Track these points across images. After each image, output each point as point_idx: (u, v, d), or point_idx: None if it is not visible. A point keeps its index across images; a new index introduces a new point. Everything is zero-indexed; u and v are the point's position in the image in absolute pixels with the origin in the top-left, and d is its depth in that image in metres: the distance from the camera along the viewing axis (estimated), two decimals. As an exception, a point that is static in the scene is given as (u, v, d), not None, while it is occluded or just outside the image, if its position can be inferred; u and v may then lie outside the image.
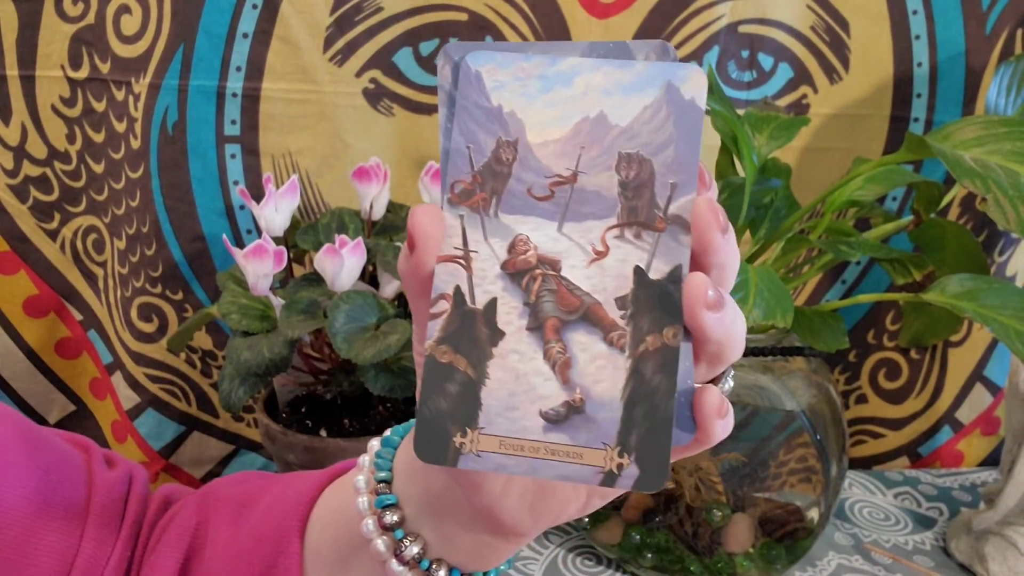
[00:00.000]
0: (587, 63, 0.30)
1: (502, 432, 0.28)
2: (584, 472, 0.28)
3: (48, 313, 0.87)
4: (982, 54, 0.80)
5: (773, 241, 0.68)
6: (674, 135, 0.29)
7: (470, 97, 0.30)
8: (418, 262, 0.29)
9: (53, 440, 0.46)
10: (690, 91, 0.29)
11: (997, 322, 0.59)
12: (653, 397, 0.27)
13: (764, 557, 0.69)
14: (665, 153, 0.29)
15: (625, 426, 0.27)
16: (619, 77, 0.29)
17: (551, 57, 0.30)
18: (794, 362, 0.68)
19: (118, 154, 0.80)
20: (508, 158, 0.30)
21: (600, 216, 0.29)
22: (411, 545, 0.35)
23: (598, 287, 0.28)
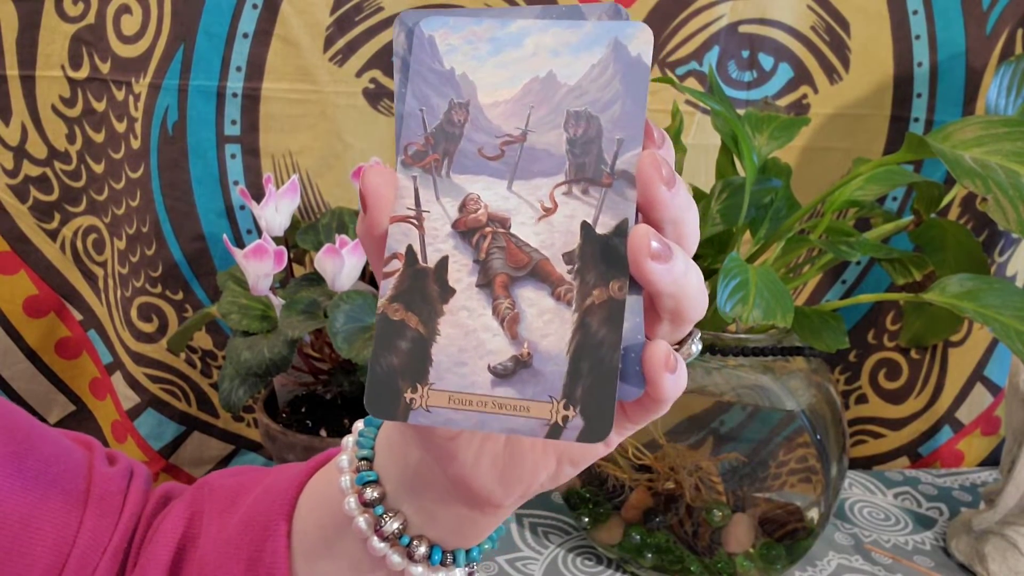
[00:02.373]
0: (537, 24, 0.30)
1: (452, 387, 0.28)
2: (530, 424, 0.28)
3: (48, 313, 0.87)
4: (982, 54, 0.80)
5: (773, 241, 0.68)
6: (621, 92, 0.29)
7: (423, 61, 0.30)
8: (371, 222, 0.29)
9: (55, 436, 0.46)
10: (636, 48, 0.29)
11: (997, 322, 0.59)
12: (599, 350, 0.28)
13: (764, 557, 0.69)
14: (612, 110, 0.29)
15: (571, 379, 0.28)
16: (568, 37, 0.30)
17: (502, 20, 0.30)
18: (794, 362, 0.68)
19: (118, 154, 0.80)
20: (460, 119, 0.30)
21: (549, 174, 0.29)
22: (391, 521, 0.35)
23: (546, 243, 0.29)
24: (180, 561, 0.43)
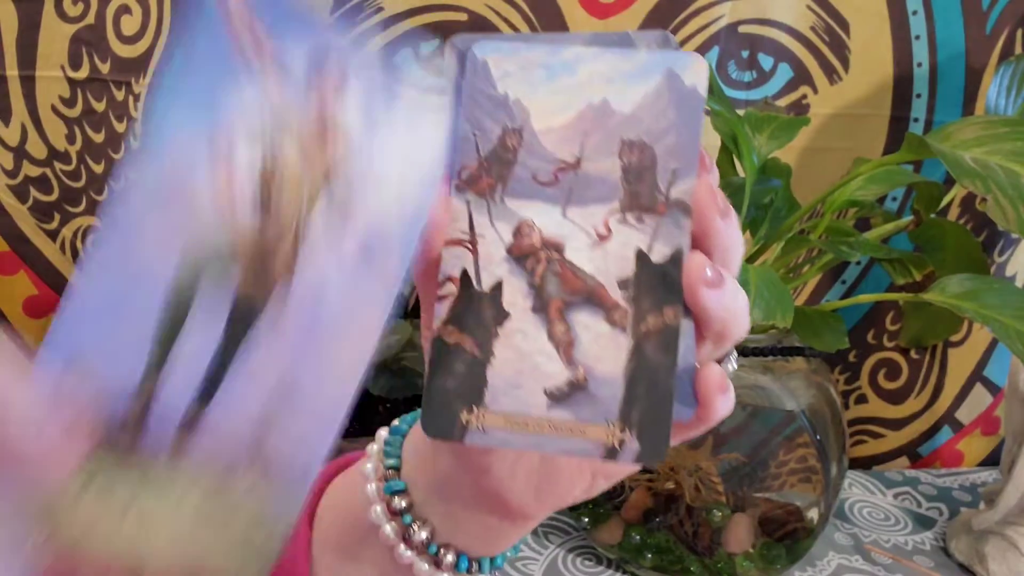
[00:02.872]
0: (590, 52, 0.30)
1: (507, 409, 0.29)
2: (587, 446, 0.29)
3: (48, 313, 0.87)
4: (982, 54, 0.80)
5: (773, 241, 0.68)
6: (675, 122, 0.29)
7: (476, 86, 0.30)
8: (425, 246, 0.29)
9: None
10: (691, 79, 0.29)
11: (997, 322, 0.59)
12: (654, 374, 0.28)
13: (764, 557, 0.69)
14: (666, 139, 0.29)
15: (627, 402, 0.28)
16: (621, 66, 0.30)
17: (555, 47, 0.30)
18: (794, 362, 0.68)
19: (118, 154, 0.80)
20: (513, 145, 0.30)
21: (603, 201, 0.30)
22: (420, 530, 0.35)
23: (601, 269, 0.29)
24: None
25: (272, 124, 0.23)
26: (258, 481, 0.23)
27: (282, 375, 0.23)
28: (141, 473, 0.22)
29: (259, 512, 0.23)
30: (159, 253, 0.22)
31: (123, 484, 0.22)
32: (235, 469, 0.22)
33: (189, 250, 0.22)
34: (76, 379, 0.21)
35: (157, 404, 0.22)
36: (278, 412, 0.24)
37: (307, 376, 0.24)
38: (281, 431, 0.23)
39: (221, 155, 0.22)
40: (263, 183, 0.23)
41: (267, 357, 0.23)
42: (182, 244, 0.22)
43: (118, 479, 0.22)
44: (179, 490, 0.22)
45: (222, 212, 0.22)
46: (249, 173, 0.22)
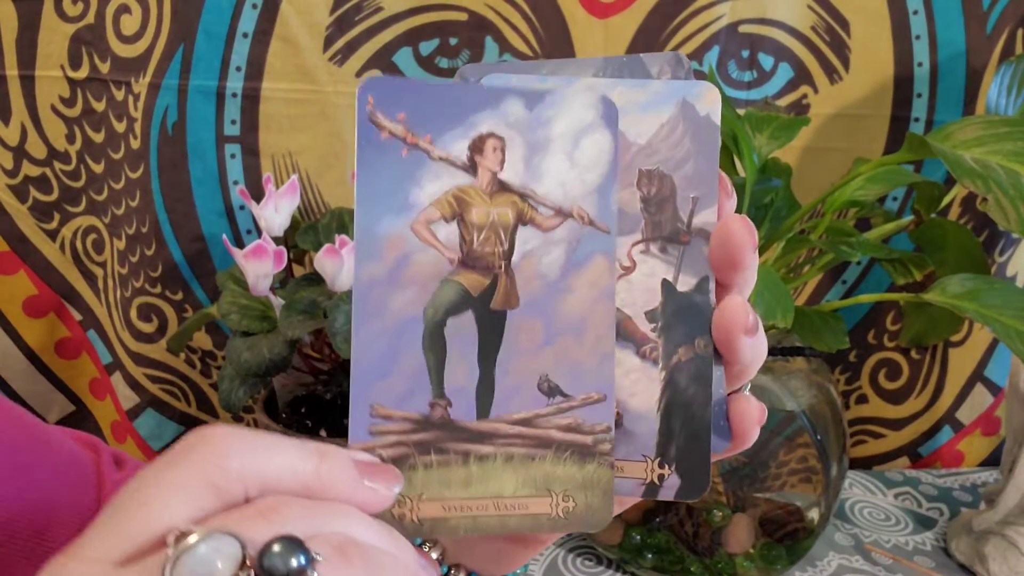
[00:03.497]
0: (602, 83, 0.30)
1: None
2: (626, 484, 0.29)
3: (48, 313, 0.87)
4: (983, 54, 0.80)
5: (774, 241, 0.68)
6: (692, 150, 0.30)
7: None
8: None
9: (62, 440, 0.45)
10: (705, 107, 0.30)
11: (998, 322, 0.59)
12: (689, 407, 0.29)
13: (764, 557, 0.69)
14: (684, 168, 0.30)
15: (663, 437, 0.29)
16: (635, 96, 0.30)
17: (567, 78, 0.30)
18: (794, 362, 0.68)
19: (118, 154, 0.80)
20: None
21: (625, 232, 0.30)
22: (429, 551, 0.35)
23: (627, 301, 0.29)
24: None
25: (456, 200, 0.28)
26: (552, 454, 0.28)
27: (533, 376, 0.28)
28: (464, 468, 0.28)
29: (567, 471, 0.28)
30: (409, 315, 0.27)
31: (453, 472, 0.28)
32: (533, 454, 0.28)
33: (429, 307, 0.28)
34: (381, 421, 0.27)
35: (450, 424, 0.28)
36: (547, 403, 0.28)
37: (560, 373, 0.28)
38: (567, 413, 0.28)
39: (427, 238, 0.28)
40: (465, 245, 0.28)
41: (518, 367, 0.28)
42: (423, 305, 0.28)
43: (448, 475, 0.28)
44: (498, 464, 0.28)
45: (442, 275, 0.28)
46: (451, 242, 0.28)
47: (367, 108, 0.28)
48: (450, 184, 0.28)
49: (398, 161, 0.28)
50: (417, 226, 0.28)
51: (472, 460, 0.28)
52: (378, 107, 0.28)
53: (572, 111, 0.29)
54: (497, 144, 0.28)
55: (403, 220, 0.28)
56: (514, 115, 0.28)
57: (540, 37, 0.78)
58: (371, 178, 0.27)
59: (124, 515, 0.24)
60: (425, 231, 0.28)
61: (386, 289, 0.27)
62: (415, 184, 0.28)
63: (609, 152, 0.29)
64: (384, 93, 0.28)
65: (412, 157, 0.28)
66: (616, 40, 0.78)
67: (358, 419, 0.27)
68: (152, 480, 0.24)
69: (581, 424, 0.28)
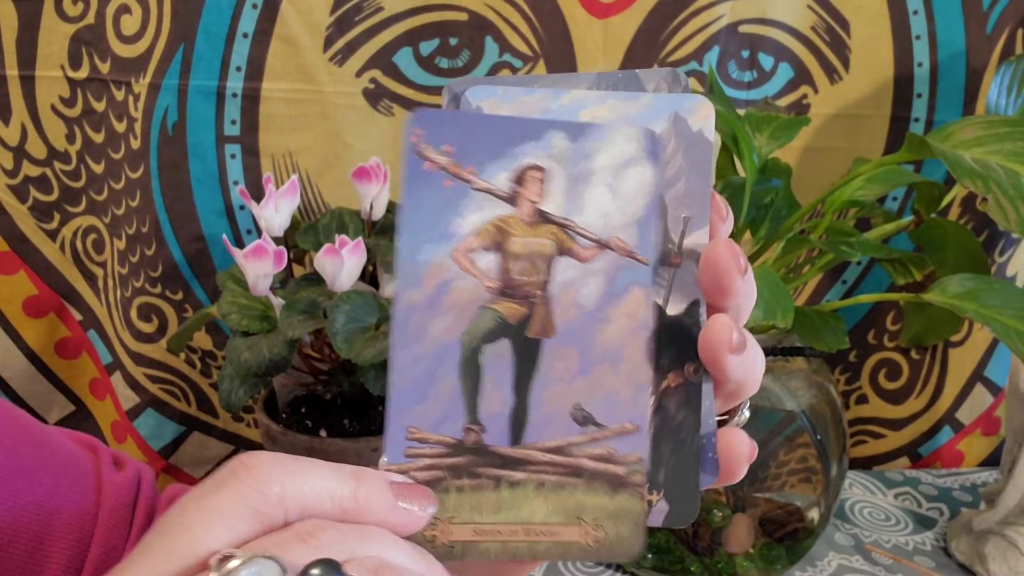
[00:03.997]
0: (592, 96, 0.30)
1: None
2: None
3: (48, 313, 0.87)
4: (982, 54, 0.80)
5: (773, 241, 0.68)
6: (684, 168, 0.29)
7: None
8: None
9: (62, 442, 0.45)
10: (698, 123, 0.29)
11: (998, 322, 0.59)
12: (678, 433, 0.29)
13: (764, 557, 0.69)
14: (676, 187, 0.29)
15: (652, 463, 0.29)
16: (625, 110, 0.29)
17: (555, 91, 0.30)
18: (794, 362, 0.68)
19: (118, 154, 0.80)
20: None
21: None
22: None
23: None
24: None
25: (496, 229, 0.28)
26: (581, 483, 0.28)
27: (566, 405, 0.28)
28: (496, 493, 0.28)
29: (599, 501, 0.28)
30: (447, 342, 0.28)
31: (485, 496, 0.28)
32: (564, 483, 0.28)
33: (466, 334, 0.28)
34: (417, 444, 0.28)
35: (483, 450, 0.28)
36: (580, 431, 0.28)
37: (594, 402, 0.28)
38: (591, 444, 0.28)
39: (467, 267, 0.28)
40: (503, 274, 0.28)
41: (552, 396, 0.28)
42: (460, 332, 0.28)
43: (480, 499, 0.28)
44: (529, 490, 0.28)
45: (481, 303, 0.28)
46: (490, 271, 0.28)
47: (413, 140, 0.28)
48: (491, 214, 0.28)
49: (441, 191, 0.28)
50: (457, 254, 0.28)
51: (504, 486, 0.28)
52: (425, 139, 0.28)
53: (615, 144, 0.29)
54: (538, 175, 0.28)
55: (444, 248, 0.28)
56: (557, 147, 0.29)
57: (540, 37, 0.78)
58: (415, 207, 0.28)
59: (168, 539, 0.24)
60: (465, 259, 0.28)
61: (425, 315, 0.28)
62: (457, 214, 0.28)
63: (651, 184, 0.28)
64: (431, 126, 0.28)
65: (455, 187, 0.28)
66: (616, 40, 0.78)
67: (394, 441, 0.28)
68: (195, 505, 0.25)
69: (614, 454, 0.28)
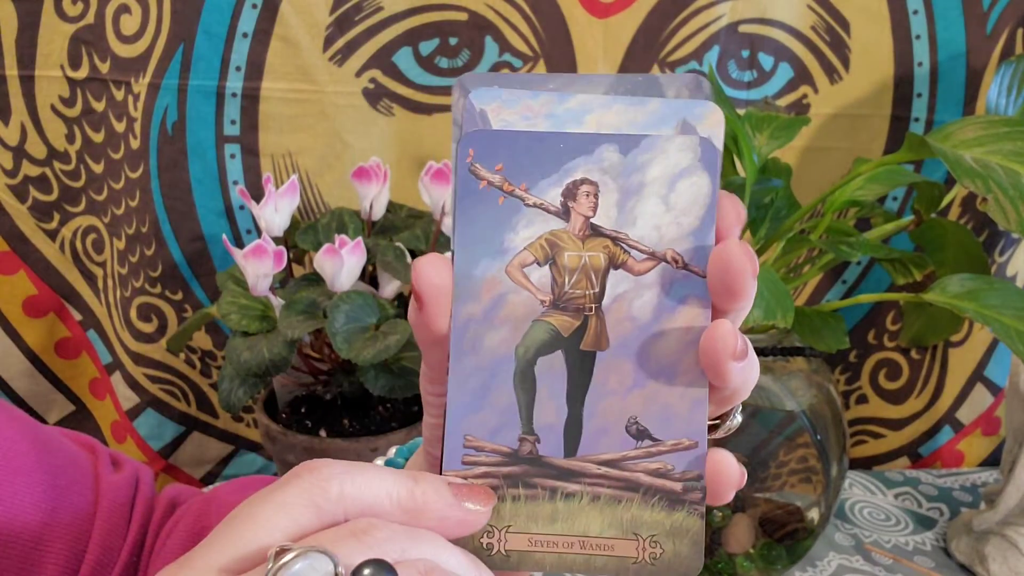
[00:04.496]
0: (598, 100, 0.29)
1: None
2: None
3: (47, 313, 0.87)
4: (983, 54, 0.80)
5: (774, 241, 0.68)
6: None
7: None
8: (428, 319, 0.29)
9: (60, 442, 0.45)
10: (707, 130, 0.29)
11: (998, 322, 0.59)
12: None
13: (764, 557, 0.69)
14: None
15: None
16: (632, 115, 0.29)
17: (560, 95, 0.29)
18: (794, 362, 0.68)
19: (117, 154, 0.80)
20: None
21: None
22: None
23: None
24: None
25: (549, 244, 0.29)
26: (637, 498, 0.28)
27: (621, 418, 0.28)
28: (551, 504, 0.28)
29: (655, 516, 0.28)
30: (502, 353, 0.29)
31: (540, 507, 0.28)
32: (619, 497, 0.28)
33: (521, 346, 0.29)
34: (474, 452, 0.29)
35: (538, 460, 0.29)
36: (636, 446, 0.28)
37: (649, 416, 0.28)
38: (644, 460, 0.29)
39: (521, 280, 0.29)
40: (556, 287, 0.29)
41: (606, 409, 0.28)
42: (515, 344, 0.29)
43: (535, 509, 0.28)
44: (584, 503, 0.28)
45: (534, 316, 0.29)
46: (543, 284, 0.29)
47: (467, 160, 0.29)
48: (543, 229, 0.29)
49: (495, 208, 0.29)
50: (511, 269, 0.29)
51: (559, 497, 0.28)
52: (477, 159, 0.29)
53: (668, 155, 0.29)
54: (590, 190, 0.29)
55: (499, 263, 0.29)
56: (608, 160, 0.29)
57: (540, 37, 0.78)
58: (469, 224, 0.29)
59: (233, 529, 0.26)
60: (519, 274, 0.29)
61: (481, 328, 0.29)
62: (510, 230, 0.29)
63: (707, 195, 0.28)
64: (484, 145, 0.29)
65: (508, 204, 0.29)
66: (616, 40, 0.78)
67: (452, 448, 0.28)
68: (260, 499, 0.26)
69: (670, 470, 0.28)
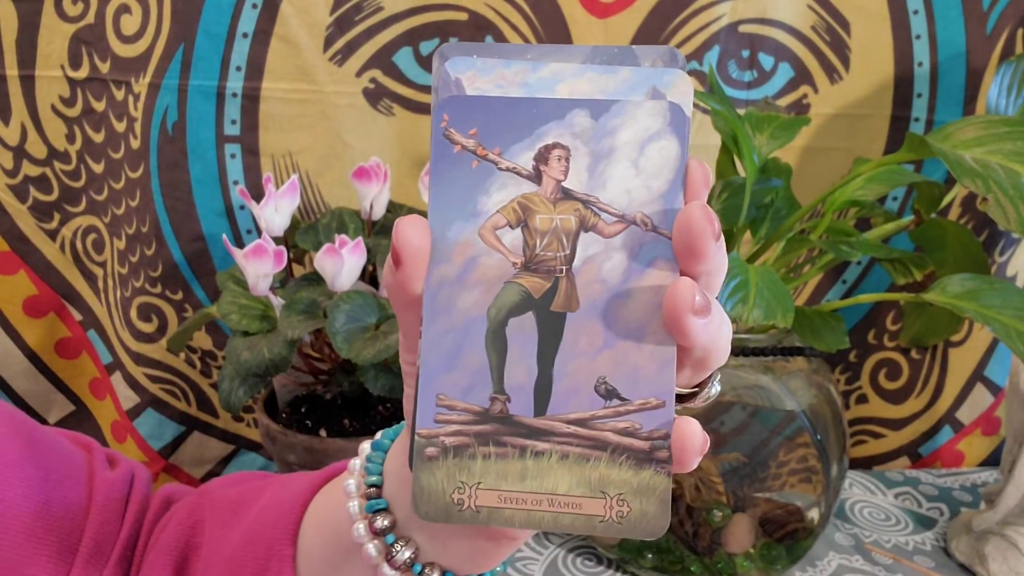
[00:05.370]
0: (570, 69, 0.30)
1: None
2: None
3: (48, 313, 0.87)
4: (983, 54, 0.80)
5: (774, 241, 0.68)
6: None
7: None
8: (405, 279, 0.29)
9: (54, 439, 0.45)
10: (676, 97, 0.29)
11: (998, 322, 0.59)
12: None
13: (764, 557, 0.69)
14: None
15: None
16: (603, 83, 0.30)
17: (533, 63, 0.30)
18: (794, 362, 0.68)
19: (118, 154, 0.80)
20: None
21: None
22: (403, 549, 0.35)
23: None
24: (182, 572, 0.43)
25: (521, 207, 0.29)
26: (606, 456, 0.29)
27: (590, 378, 0.29)
28: (521, 462, 0.29)
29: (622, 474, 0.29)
30: (474, 315, 0.29)
31: (510, 465, 0.29)
32: (588, 455, 0.29)
33: (492, 307, 0.29)
34: (445, 411, 0.29)
35: (508, 419, 0.29)
36: (603, 404, 0.29)
37: (618, 376, 0.29)
38: (613, 417, 0.29)
39: (493, 243, 0.29)
40: (528, 250, 0.29)
41: (576, 369, 0.29)
42: (487, 305, 0.29)
43: (505, 467, 0.29)
44: (553, 461, 0.29)
45: (506, 278, 0.29)
46: (515, 247, 0.29)
47: (442, 125, 0.30)
48: (516, 192, 0.29)
49: (468, 172, 0.29)
50: (484, 231, 0.29)
51: (528, 455, 0.29)
52: (452, 124, 0.30)
53: (638, 119, 0.29)
54: (562, 154, 0.29)
55: (472, 226, 0.29)
56: (580, 125, 0.29)
57: (540, 37, 0.78)
58: (443, 188, 0.30)
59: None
60: (491, 236, 0.29)
61: (454, 289, 0.29)
62: (483, 193, 0.29)
63: (676, 159, 0.29)
64: (458, 111, 0.30)
65: (481, 168, 0.29)
66: (616, 40, 0.78)
67: (425, 407, 0.29)
68: None
69: (638, 429, 0.28)
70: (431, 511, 0.29)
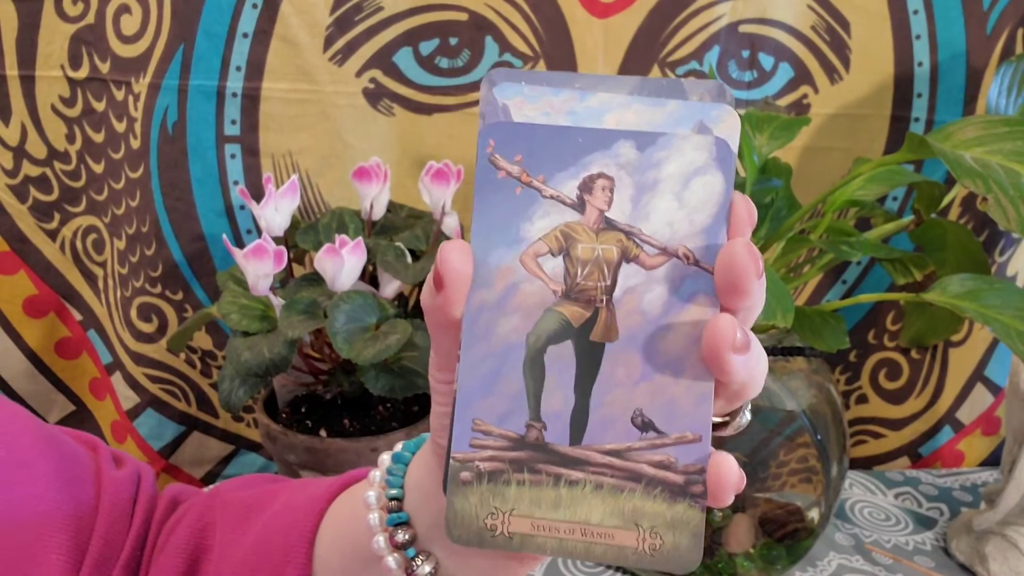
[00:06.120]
0: (617, 99, 0.30)
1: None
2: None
3: (48, 313, 0.87)
4: (983, 54, 0.80)
5: (774, 241, 0.68)
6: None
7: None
8: (446, 303, 0.29)
9: (61, 438, 0.45)
10: (723, 132, 0.29)
11: (998, 322, 0.59)
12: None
13: (764, 557, 0.69)
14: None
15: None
16: (650, 116, 0.30)
17: (581, 92, 0.30)
18: (795, 362, 0.68)
19: (118, 154, 0.80)
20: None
21: None
22: (423, 564, 0.35)
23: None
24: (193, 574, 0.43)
25: (563, 235, 0.29)
26: (640, 489, 0.29)
27: (627, 409, 0.29)
28: (554, 490, 0.29)
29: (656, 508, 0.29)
30: (513, 341, 0.29)
31: (544, 492, 0.29)
32: (622, 487, 0.29)
33: (532, 334, 0.29)
34: (481, 435, 0.29)
35: (544, 447, 0.29)
36: (640, 437, 0.29)
37: (655, 409, 0.29)
38: (649, 451, 0.29)
39: (534, 270, 0.29)
40: (569, 278, 0.29)
41: (613, 400, 0.29)
42: (526, 332, 0.29)
43: (539, 495, 0.29)
44: (587, 491, 0.29)
45: (546, 305, 0.29)
46: (556, 275, 0.29)
47: (488, 150, 0.30)
48: (559, 220, 0.29)
49: (512, 198, 0.30)
50: (526, 258, 0.29)
51: (563, 484, 0.29)
52: (497, 149, 0.30)
53: (684, 153, 0.29)
54: (606, 184, 0.29)
55: (514, 252, 0.29)
56: (625, 156, 0.29)
57: (540, 37, 0.78)
58: (486, 213, 0.30)
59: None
60: (532, 263, 0.29)
61: (494, 315, 0.29)
62: (526, 219, 0.30)
63: (720, 194, 0.29)
64: (504, 137, 0.30)
65: (525, 195, 0.30)
66: (616, 40, 0.78)
67: (461, 431, 0.29)
68: None
69: (674, 463, 0.28)
70: (464, 535, 0.29)
